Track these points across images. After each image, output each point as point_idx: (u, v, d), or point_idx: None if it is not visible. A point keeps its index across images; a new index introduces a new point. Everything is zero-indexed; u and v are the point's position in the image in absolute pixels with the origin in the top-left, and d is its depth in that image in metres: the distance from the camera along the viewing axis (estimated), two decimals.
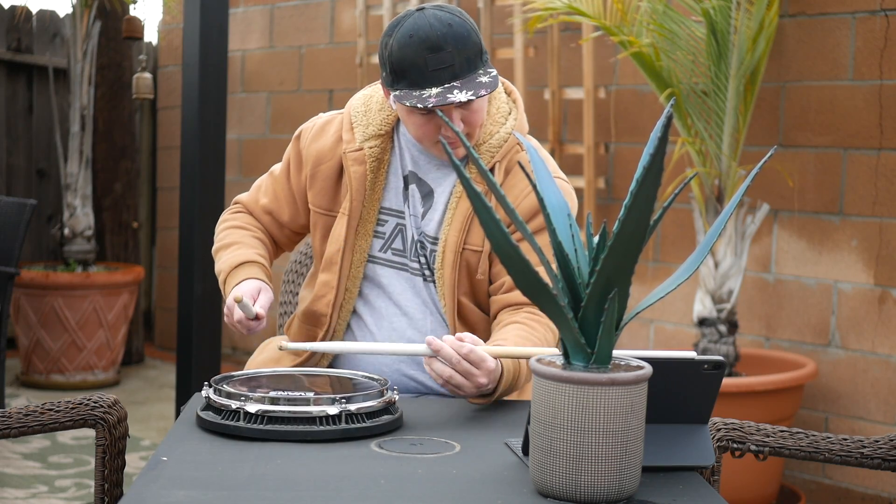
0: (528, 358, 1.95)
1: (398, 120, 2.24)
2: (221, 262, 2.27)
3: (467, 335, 1.94)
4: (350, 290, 2.22)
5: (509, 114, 2.22)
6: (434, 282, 2.19)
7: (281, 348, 1.91)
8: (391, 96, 2.13)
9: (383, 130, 2.21)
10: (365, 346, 1.96)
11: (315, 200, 2.24)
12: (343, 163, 2.21)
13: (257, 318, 2.10)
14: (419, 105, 2.02)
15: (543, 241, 2.09)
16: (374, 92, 2.27)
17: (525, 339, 2.05)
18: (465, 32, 2.05)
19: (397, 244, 2.21)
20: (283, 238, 2.37)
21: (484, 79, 2.06)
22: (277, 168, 2.35)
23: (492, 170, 2.18)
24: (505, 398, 2.16)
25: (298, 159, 2.28)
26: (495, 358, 1.93)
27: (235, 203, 2.41)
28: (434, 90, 2.03)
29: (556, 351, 1.90)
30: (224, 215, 2.40)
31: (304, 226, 2.34)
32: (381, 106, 2.23)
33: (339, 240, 2.20)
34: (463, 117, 2.09)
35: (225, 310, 2.17)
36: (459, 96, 2.02)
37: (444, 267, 2.15)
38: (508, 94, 2.26)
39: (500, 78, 2.26)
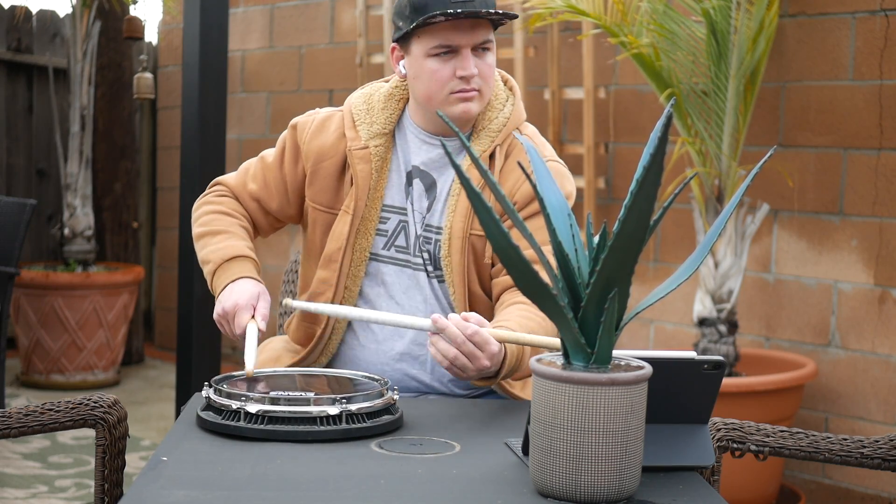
0: (532, 345, 1.96)
1: (400, 118, 2.25)
2: (208, 252, 2.21)
3: (472, 315, 1.93)
4: (350, 288, 2.21)
5: (507, 100, 2.25)
6: (437, 278, 2.19)
7: (283, 303, 1.95)
8: (405, 55, 2.17)
9: (387, 129, 2.22)
10: (371, 314, 1.99)
11: (316, 198, 2.24)
12: (348, 160, 2.20)
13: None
14: (449, 10, 2.06)
15: (539, 223, 2.09)
16: (373, 90, 2.27)
17: (529, 319, 2.04)
18: None
19: (400, 241, 2.21)
20: (265, 225, 2.33)
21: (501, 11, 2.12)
22: (270, 154, 2.31)
23: (492, 154, 2.20)
24: (505, 397, 2.17)
25: (295, 152, 2.26)
26: (499, 342, 1.94)
27: (217, 184, 2.35)
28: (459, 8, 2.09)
29: (557, 342, 1.90)
30: (206, 197, 2.33)
31: (290, 216, 2.31)
32: (383, 104, 2.23)
33: (340, 238, 2.20)
34: (477, 66, 2.13)
35: (219, 310, 2.10)
36: (486, 9, 2.08)
37: (452, 254, 2.15)
38: (505, 82, 2.29)
39: (496, 69, 2.28)
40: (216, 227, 2.25)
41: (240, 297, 2.10)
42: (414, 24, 2.09)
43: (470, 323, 1.91)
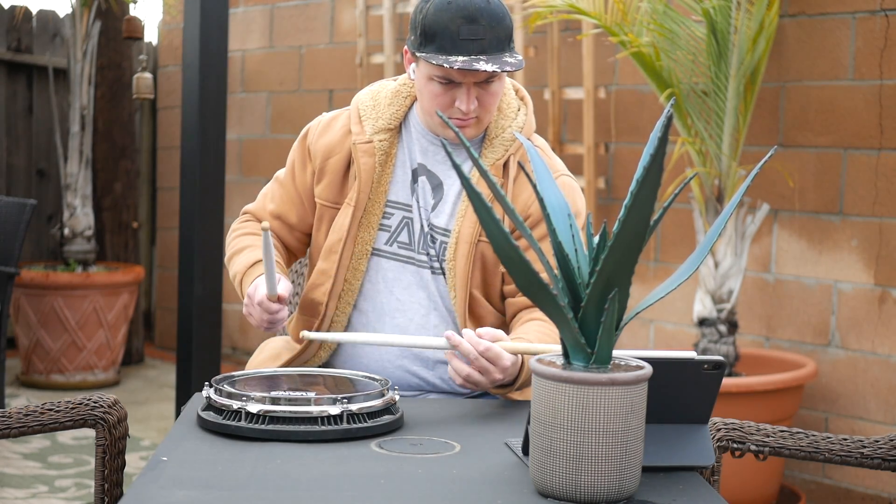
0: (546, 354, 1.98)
1: (407, 114, 2.27)
2: (235, 266, 2.28)
3: (486, 331, 1.97)
4: (350, 282, 2.22)
5: (518, 110, 2.27)
6: (443, 274, 2.20)
7: (302, 337, 1.95)
8: (413, 63, 2.16)
9: (392, 125, 2.24)
10: (386, 338, 2.00)
11: (322, 194, 2.26)
12: (352, 154, 2.22)
13: (279, 300, 2.07)
14: (445, 65, 2.05)
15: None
16: (381, 87, 2.30)
17: (546, 335, 2.08)
18: (501, 13, 2.10)
19: (403, 237, 2.23)
20: (294, 242, 2.37)
21: (510, 59, 2.10)
22: (282, 173, 2.36)
23: (506, 163, 2.21)
24: (506, 397, 2.17)
25: (304, 157, 2.30)
26: (514, 354, 1.97)
27: (244, 213, 2.42)
28: (460, 58, 2.07)
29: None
30: (234, 225, 2.41)
31: (312, 225, 2.34)
32: (390, 101, 2.25)
33: (341, 229, 2.21)
34: (479, 96, 2.13)
35: (245, 300, 2.14)
36: (486, 66, 2.06)
37: (457, 258, 2.16)
38: (516, 91, 2.30)
39: (507, 79, 2.29)
40: (240, 247, 2.32)
41: (259, 281, 2.13)
42: (418, 54, 2.11)
43: (483, 339, 1.94)
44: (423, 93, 2.17)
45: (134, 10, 5.58)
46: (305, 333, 1.95)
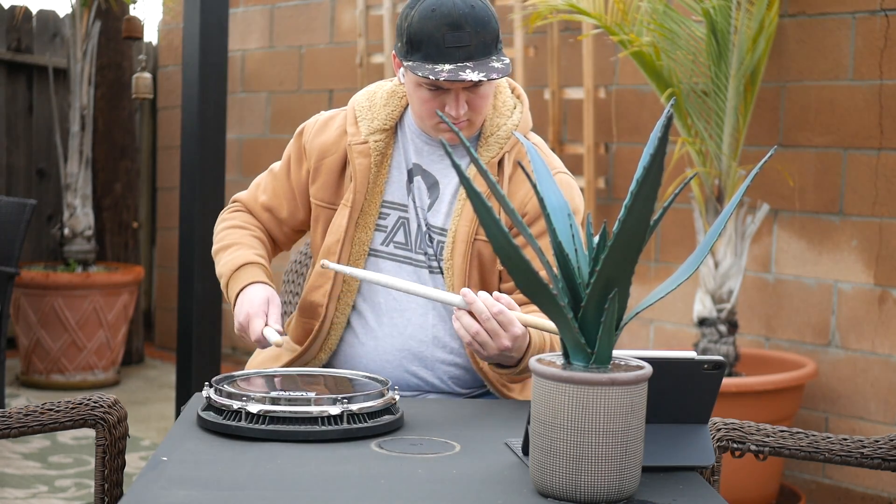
0: (556, 332, 1.97)
1: (402, 114, 2.26)
2: (221, 266, 2.27)
3: (504, 296, 1.96)
4: (349, 283, 2.23)
5: (514, 108, 2.25)
6: (441, 273, 2.20)
7: (323, 266, 1.98)
8: (402, 67, 2.15)
9: (388, 125, 2.23)
10: (403, 283, 1.99)
11: (318, 194, 2.26)
12: (348, 155, 2.22)
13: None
14: (430, 77, 2.04)
15: (547, 243, 2.10)
16: (377, 88, 2.29)
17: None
18: (486, 17, 2.08)
19: (399, 237, 2.23)
20: (281, 236, 2.37)
21: (497, 64, 2.09)
22: (277, 165, 2.36)
23: (501, 161, 2.20)
24: (506, 393, 2.17)
25: (300, 154, 2.30)
26: (525, 326, 1.96)
27: (234, 201, 2.41)
28: (447, 66, 2.06)
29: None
30: (222, 214, 2.40)
31: (302, 222, 2.34)
32: (385, 101, 2.25)
33: (339, 230, 2.21)
34: (468, 100, 2.12)
35: (237, 325, 2.15)
36: (472, 75, 2.05)
37: (454, 257, 2.16)
38: (512, 90, 2.29)
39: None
40: (227, 242, 2.31)
41: (250, 307, 2.14)
42: (405, 63, 2.10)
43: (499, 302, 1.93)
44: (412, 98, 2.16)
45: (134, 10, 5.58)
46: (326, 262, 1.99)
